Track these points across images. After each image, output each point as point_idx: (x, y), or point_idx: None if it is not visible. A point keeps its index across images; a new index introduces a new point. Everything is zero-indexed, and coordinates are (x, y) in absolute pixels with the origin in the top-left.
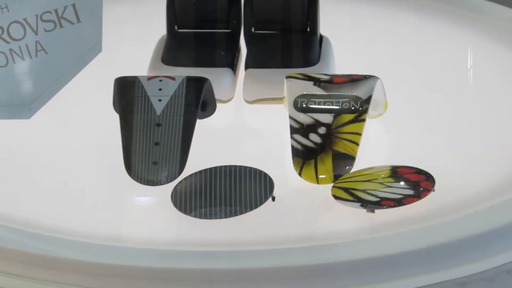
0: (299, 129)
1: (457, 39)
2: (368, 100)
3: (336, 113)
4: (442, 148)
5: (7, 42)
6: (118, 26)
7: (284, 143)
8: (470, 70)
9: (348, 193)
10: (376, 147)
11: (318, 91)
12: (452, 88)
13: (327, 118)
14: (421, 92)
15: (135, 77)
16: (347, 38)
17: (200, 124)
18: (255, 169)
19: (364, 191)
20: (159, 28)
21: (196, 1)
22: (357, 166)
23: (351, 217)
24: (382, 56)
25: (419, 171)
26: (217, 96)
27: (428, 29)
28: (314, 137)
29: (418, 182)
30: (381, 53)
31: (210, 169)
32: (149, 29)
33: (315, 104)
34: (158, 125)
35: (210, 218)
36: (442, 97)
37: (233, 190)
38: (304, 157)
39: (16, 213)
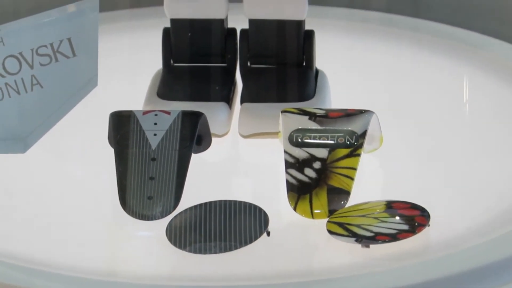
0: (294, 164)
1: (454, 73)
2: (363, 134)
3: (331, 148)
4: (437, 183)
5: (3, 76)
6: (114, 59)
7: (279, 177)
8: (467, 104)
9: (343, 228)
10: (371, 181)
11: (313, 125)
12: (448, 123)
13: (322, 153)
14: (416, 126)
15: (130, 111)
16: (343, 72)
17: (195, 158)
18: (250, 204)
19: (359, 226)
20: (155, 61)
21: (191, 36)
22: (352, 200)
23: (346, 252)
24: (378, 90)
25: (414, 206)
26: (212, 130)
27: (424, 63)
28: (309, 171)
29: (413, 217)
30: (377, 87)
31: (205, 203)
32: (145, 62)
33: (310, 139)
34: (153, 159)
35: (205, 253)
36: (438, 132)
37: (228, 225)
38: (299, 191)
39: (11, 247)
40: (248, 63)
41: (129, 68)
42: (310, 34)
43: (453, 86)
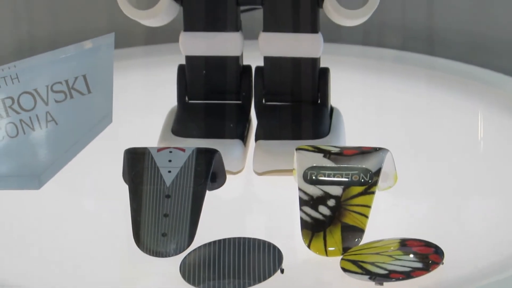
0: (308, 201)
1: (469, 110)
2: (377, 172)
3: (346, 186)
4: (451, 221)
5: (18, 113)
6: (129, 95)
7: (293, 215)
8: (481, 142)
9: (357, 265)
10: (385, 219)
11: (327, 163)
12: (463, 160)
13: (336, 191)
14: (431, 163)
15: (145, 148)
16: (357, 109)
17: (210, 196)
18: (264, 241)
19: (373, 263)
20: (169, 98)
21: (206, 73)
22: (366, 238)
23: None
24: (393, 128)
25: (428, 244)
26: (227, 168)
27: (439, 100)
28: (323, 209)
29: (427, 255)
30: (392, 125)
31: (219, 241)
32: (159, 99)
33: (324, 176)
34: (168, 196)
35: None
36: (452, 169)
37: (242, 262)
38: (313, 229)
39: (24, 283)
40: (263, 101)
41: (144, 105)
42: (325, 72)
43: (467, 124)
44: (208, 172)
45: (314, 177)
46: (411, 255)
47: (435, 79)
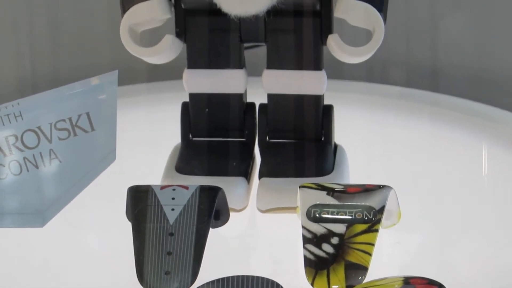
0: (311, 239)
1: (474, 148)
2: (381, 210)
3: (349, 223)
4: (455, 258)
5: (21, 151)
6: (132, 133)
7: (296, 252)
8: (486, 179)
9: None
10: (388, 257)
11: (331, 201)
12: (466, 197)
13: (340, 228)
14: (435, 201)
15: (148, 186)
16: (361, 146)
17: (213, 233)
18: (267, 279)
19: None
20: (173, 135)
21: (210, 110)
22: (370, 276)
23: None
24: (397, 165)
25: (432, 282)
26: (230, 205)
27: (444, 137)
28: (326, 247)
29: None
30: (396, 162)
31: (223, 279)
32: (163, 136)
33: (328, 214)
34: (171, 234)
35: None
36: (456, 206)
37: None
38: (317, 267)
39: None
40: (267, 138)
41: (147, 142)
42: (328, 109)
43: (471, 160)
44: (211, 210)
45: (317, 215)
46: None
47: (439, 116)
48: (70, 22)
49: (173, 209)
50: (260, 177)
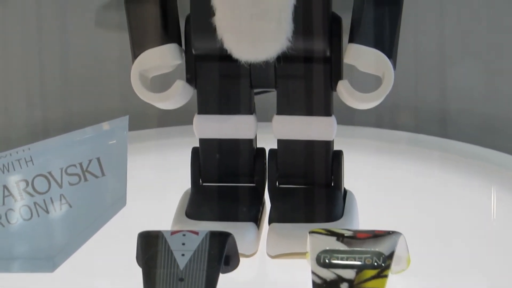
0: (321, 285)
1: (483, 193)
2: (390, 256)
3: (359, 269)
4: None
5: (32, 196)
6: (143, 178)
7: None
8: (495, 225)
9: None
10: None
11: (341, 246)
12: (476, 242)
13: (349, 274)
14: (444, 246)
15: (159, 231)
16: (371, 191)
17: (223, 278)
18: None
19: None
20: (183, 180)
21: (220, 156)
22: None
23: None
24: (406, 210)
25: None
26: (240, 251)
27: (453, 183)
28: None
29: None
30: (405, 207)
31: None
32: (173, 182)
33: (337, 260)
34: (181, 279)
35: None
36: (465, 251)
37: None
38: None
39: None
40: (277, 183)
41: (157, 188)
42: (338, 155)
43: (481, 206)
44: (221, 255)
45: (327, 260)
46: None
47: (448, 161)
48: (80, 67)
49: (183, 255)
50: (270, 222)
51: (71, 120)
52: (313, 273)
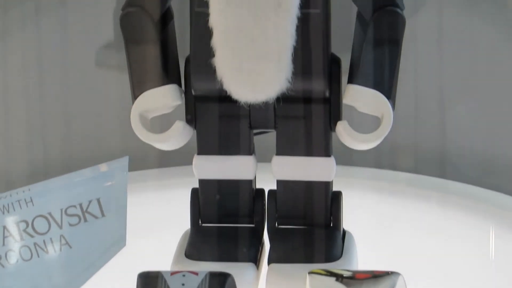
0: None
1: (482, 234)
2: None
3: None
4: None
5: (32, 236)
6: (142, 218)
7: None
8: (492, 264)
9: None
10: None
11: (340, 287)
12: (475, 284)
13: None
14: (443, 287)
15: (158, 272)
16: (370, 232)
17: None
18: None
19: None
20: (183, 221)
21: (220, 196)
22: None
23: None
24: (405, 251)
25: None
26: None
27: (452, 224)
28: None
29: None
30: (403, 248)
31: None
32: (173, 222)
33: None
34: None
35: None
36: None
37: None
38: None
39: None
40: (276, 224)
41: (157, 228)
42: (337, 195)
43: (480, 246)
44: None
45: None
46: None
47: (447, 202)
48: (81, 107)
49: None
50: (269, 263)
51: (71, 160)
52: None
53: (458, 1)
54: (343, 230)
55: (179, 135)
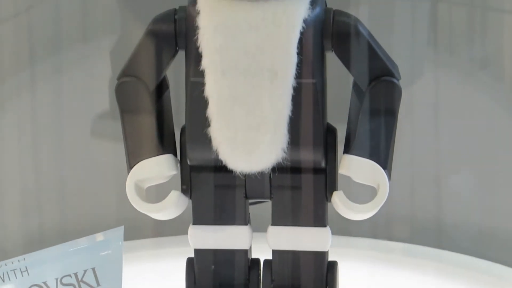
0: None
1: None
2: None
3: None
4: None
5: None
6: (138, 287)
7: None
8: None
9: None
10: None
11: None
12: None
13: None
14: None
15: None
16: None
17: None
18: None
19: None
20: (179, 287)
21: (215, 266)
22: None
23: None
24: None
25: None
26: None
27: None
28: None
29: None
30: None
31: None
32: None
33: None
34: None
35: None
36: None
37: None
38: None
39: None
40: None
41: None
42: (333, 265)
43: None
44: None
45: None
46: None
47: (443, 272)
48: (76, 176)
49: None
50: None
51: (66, 229)
52: None
53: (455, 71)
54: None
55: (174, 205)
